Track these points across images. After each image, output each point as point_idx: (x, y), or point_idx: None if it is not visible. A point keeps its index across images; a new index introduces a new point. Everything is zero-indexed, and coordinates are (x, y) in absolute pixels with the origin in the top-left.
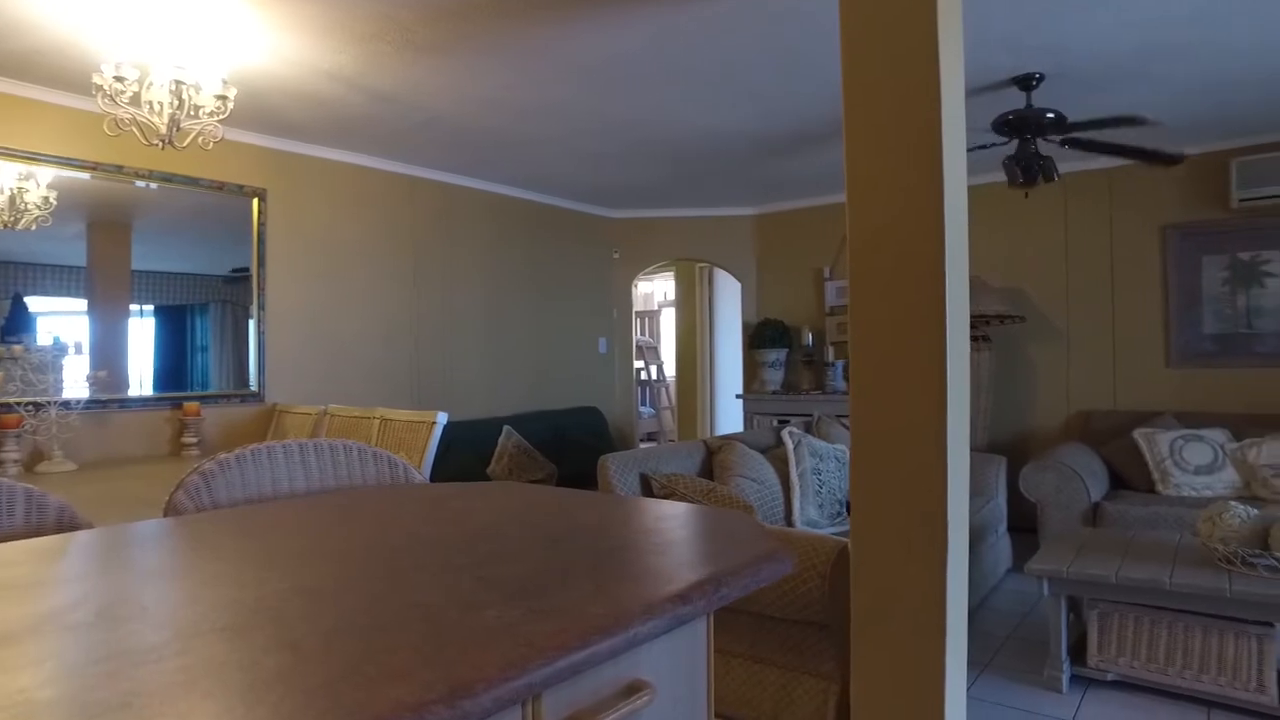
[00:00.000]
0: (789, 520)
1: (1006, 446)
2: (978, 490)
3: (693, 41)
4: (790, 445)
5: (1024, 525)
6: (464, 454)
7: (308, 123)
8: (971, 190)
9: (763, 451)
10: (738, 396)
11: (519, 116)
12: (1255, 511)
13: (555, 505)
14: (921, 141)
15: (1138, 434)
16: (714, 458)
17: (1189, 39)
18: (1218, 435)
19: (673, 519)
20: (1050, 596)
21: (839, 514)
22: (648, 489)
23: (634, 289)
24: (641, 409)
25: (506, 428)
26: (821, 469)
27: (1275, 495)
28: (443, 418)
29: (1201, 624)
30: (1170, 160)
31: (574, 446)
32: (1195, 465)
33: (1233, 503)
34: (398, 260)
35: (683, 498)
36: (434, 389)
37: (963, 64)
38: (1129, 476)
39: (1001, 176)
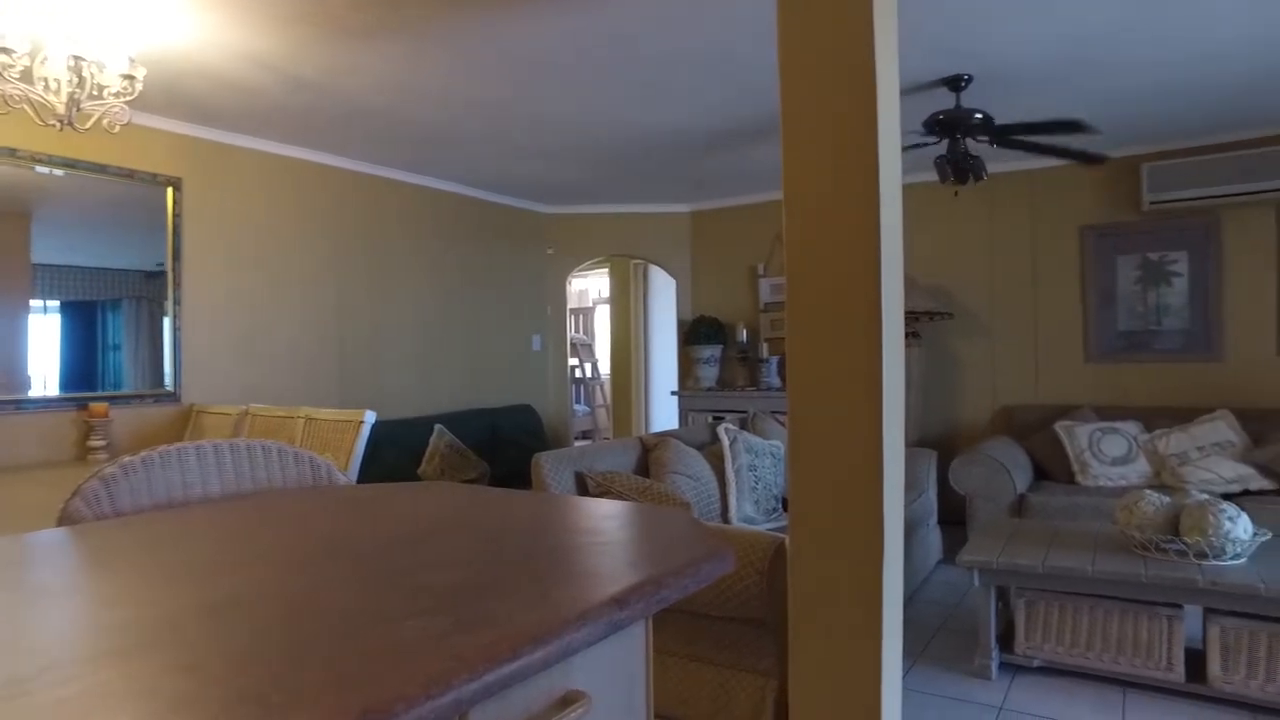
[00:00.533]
0: (725, 517)
1: (936, 441)
2: (909, 485)
3: (627, 36)
4: (726, 442)
5: (953, 518)
6: (394, 454)
7: (228, 110)
8: (903, 189)
9: (698, 448)
10: (673, 393)
11: (451, 110)
12: (1167, 499)
13: (488, 505)
14: (858, 140)
15: (1059, 427)
16: (650, 455)
17: (1102, 51)
18: (1131, 428)
19: (610, 518)
20: (980, 587)
21: (775, 510)
22: (583, 487)
23: (568, 285)
24: (576, 407)
25: (438, 427)
26: (757, 465)
27: (1182, 483)
28: (370, 417)
29: (1119, 608)
30: (1093, 160)
31: (508, 445)
32: (1112, 457)
33: (1147, 491)
34: (326, 255)
35: (619, 496)
36: (363, 388)
37: (897, 63)
38: (1051, 468)
39: (930, 175)
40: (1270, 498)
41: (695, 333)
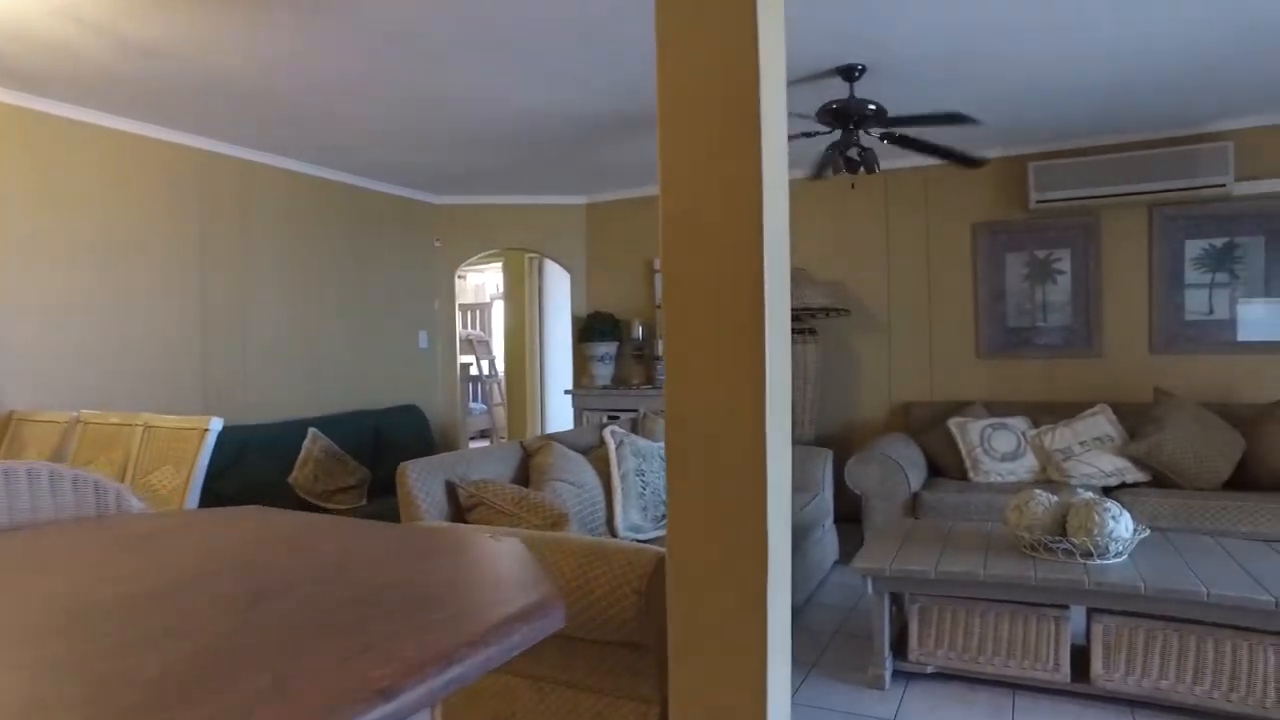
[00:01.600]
0: (611, 526)
1: (833, 439)
2: (804, 485)
3: (492, 11)
4: (612, 445)
5: (851, 516)
6: (262, 461)
7: (50, 76)
8: (797, 183)
9: (585, 452)
10: (566, 392)
11: (315, 86)
12: (1055, 499)
13: (285, 542)
14: (740, 128)
15: (952, 424)
16: (531, 460)
17: (995, 42)
18: (1020, 423)
19: (431, 557)
20: (874, 594)
21: (664, 517)
22: (454, 498)
23: (459, 279)
24: (473, 405)
25: (312, 430)
26: (645, 469)
27: (1066, 478)
28: (217, 424)
29: (1009, 610)
30: (973, 163)
31: (392, 448)
32: (1001, 453)
33: (1037, 491)
34: (181, 245)
35: (492, 507)
36: (227, 390)
37: (784, 49)
38: (945, 465)
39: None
40: (1144, 489)
41: (589, 329)
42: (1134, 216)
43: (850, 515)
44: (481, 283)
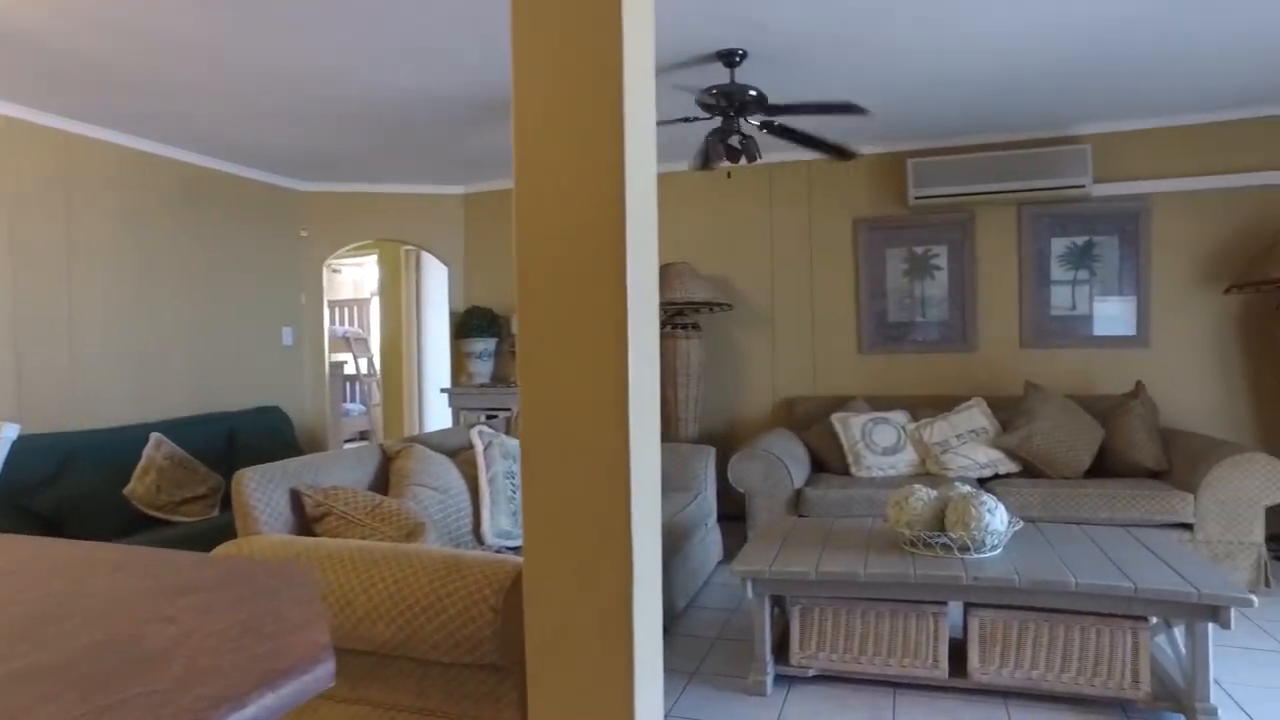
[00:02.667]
0: (478, 533)
1: (718, 436)
2: (686, 485)
3: None
4: (479, 446)
5: (735, 514)
6: (90, 473)
7: None
8: (679, 176)
9: (453, 454)
10: (443, 391)
11: (144, 48)
12: (933, 494)
13: (10, 576)
14: (602, 111)
15: (834, 419)
16: (392, 464)
17: (876, 30)
18: (900, 417)
19: (177, 599)
20: (754, 598)
21: None
22: (300, 508)
23: (333, 274)
24: (350, 406)
25: (155, 435)
26: (516, 472)
27: (944, 470)
28: (11, 431)
29: (890, 609)
30: (845, 155)
31: (250, 453)
32: (883, 447)
33: (916, 486)
34: None
35: (342, 517)
36: (47, 392)
37: (652, 28)
38: (828, 460)
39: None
40: (1016, 480)
41: (467, 325)
42: (1005, 214)
43: (734, 513)
44: (359, 278)
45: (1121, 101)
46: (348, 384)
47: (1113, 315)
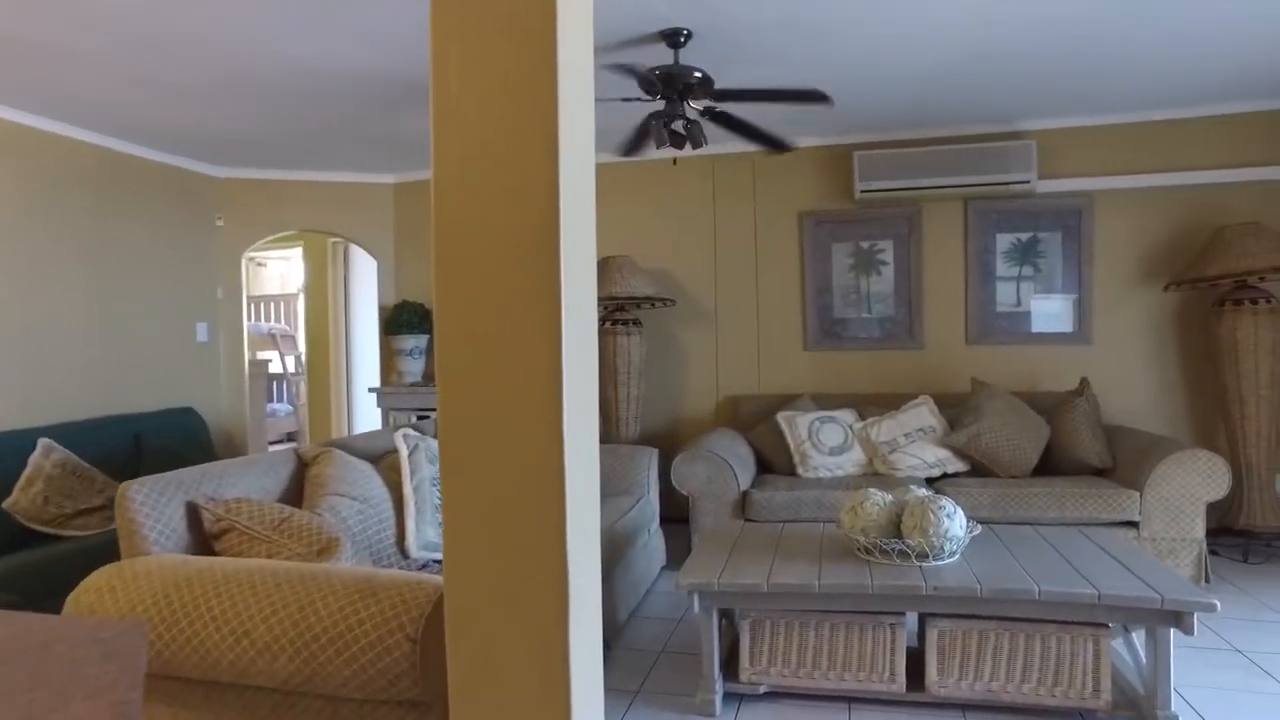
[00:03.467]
0: (402, 546)
1: (661, 436)
2: (628, 488)
3: None
4: (404, 450)
5: (679, 516)
6: None
7: None
8: (620, 167)
9: (377, 459)
10: (371, 390)
11: (25, 9)
12: (889, 498)
13: None
14: (533, 94)
15: (780, 418)
16: (308, 471)
17: (823, 17)
18: (847, 415)
19: None
20: (701, 612)
21: None
22: (197, 523)
23: (258, 268)
24: (276, 406)
25: (44, 441)
26: None
27: (892, 470)
28: None
29: (845, 620)
30: (781, 147)
31: (158, 458)
32: (830, 446)
33: (871, 491)
34: None
35: (245, 533)
36: None
37: (591, 9)
38: (774, 460)
39: (654, 153)
40: (964, 479)
41: (396, 321)
42: (951, 209)
43: (678, 516)
44: (286, 272)
45: (1066, 98)
46: (273, 383)
47: (1055, 312)
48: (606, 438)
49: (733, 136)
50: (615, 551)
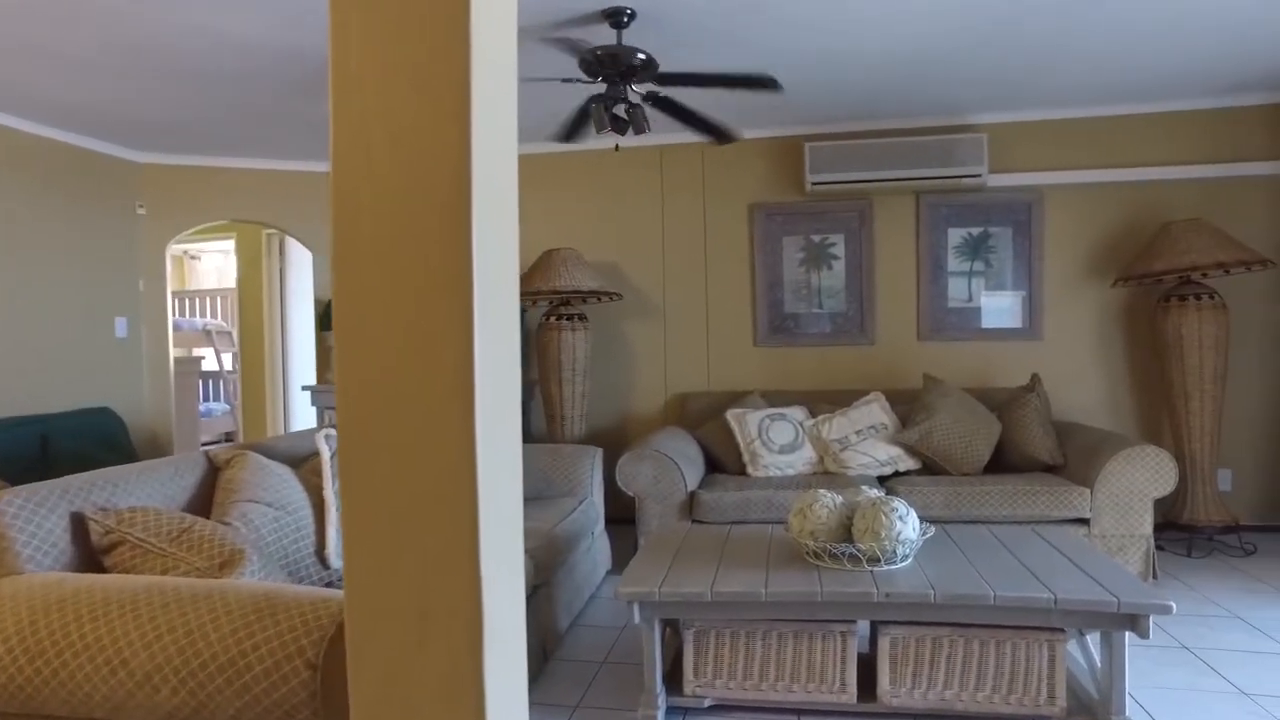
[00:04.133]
0: (322, 555)
1: (607, 434)
2: (571, 489)
3: None
4: (326, 453)
5: (626, 516)
6: None
7: None
8: (566, 157)
9: (298, 463)
10: (305, 389)
11: None
12: (840, 500)
13: None
14: (443, 75)
15: (729, 415)
16: (220, 476)
17: (761, 1)
18: (798, 413)
19: None
20: (642, 623)
21: None
22: (85, 537)
23: (191, 261)
24: (214, 405)
25: None
26: None
27: (843, 468)
28: None
29: (794, 629)
30: (724, 137)
31: (70, 461)
32: (780, 445)
33: (821, 492)
34: None
35: (139, 547)
36: None
37: None
38: (723, 459)
39: (598, 143)
40: (916, 477)
41: (330, 316)
42: (903, 203)
43: (624, 517)
44: (224, 265)
45: (1016, 91)
46: (209, 381)
47: (1007, 307)
48: (551, 437)
49: (681, 126)
50: (555, 557)
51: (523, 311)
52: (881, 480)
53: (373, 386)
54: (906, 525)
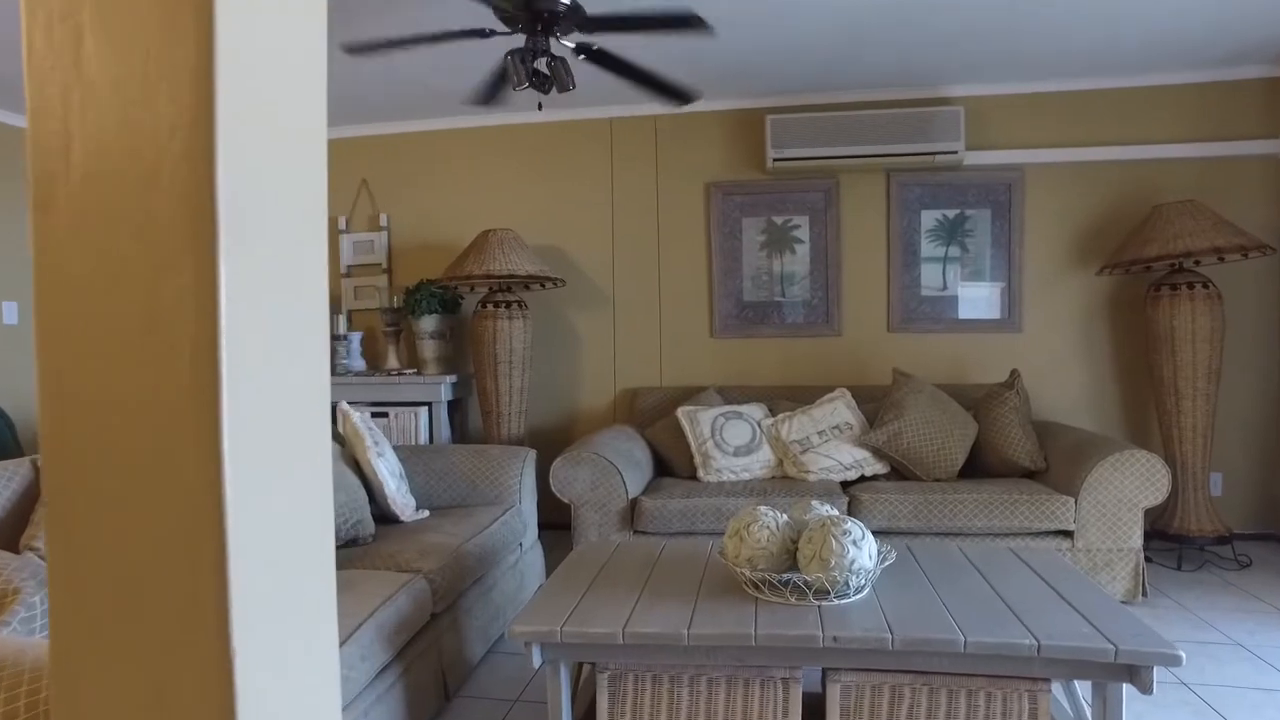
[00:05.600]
0: None
1: (550, 432)
2: (497, 497)
3: None
4: None
5: (567, 522)
6: None
7: None
8: (503, 130)
9: None
10: None
11: None
12: (785, 519)
13: None
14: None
15: (681, 413)
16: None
17: None
18: (755, 411)
19: None
20: (546, 665)
21: None
22: None
23: None
24: None
25: None
26: None
27: (805, 473)
28: None
29: (726, 674)
30: (681, 96)
31: None
32: (735, 446)
33: (762, 510)
34: None
35: None
36: None
37: None
38: (674, 461)
39: (536, 116)
40: (884, 482)
41: None
42: (872, 181)
43: (566, 522)
44: None
45: (995, 60)
46: None
47: (984, 297)
48: (487, 435)
49: (634, 95)
50: (463, 578)
51: (459, 299)
52: (845, 486)
53: (84, 396)
54: (861, 552)
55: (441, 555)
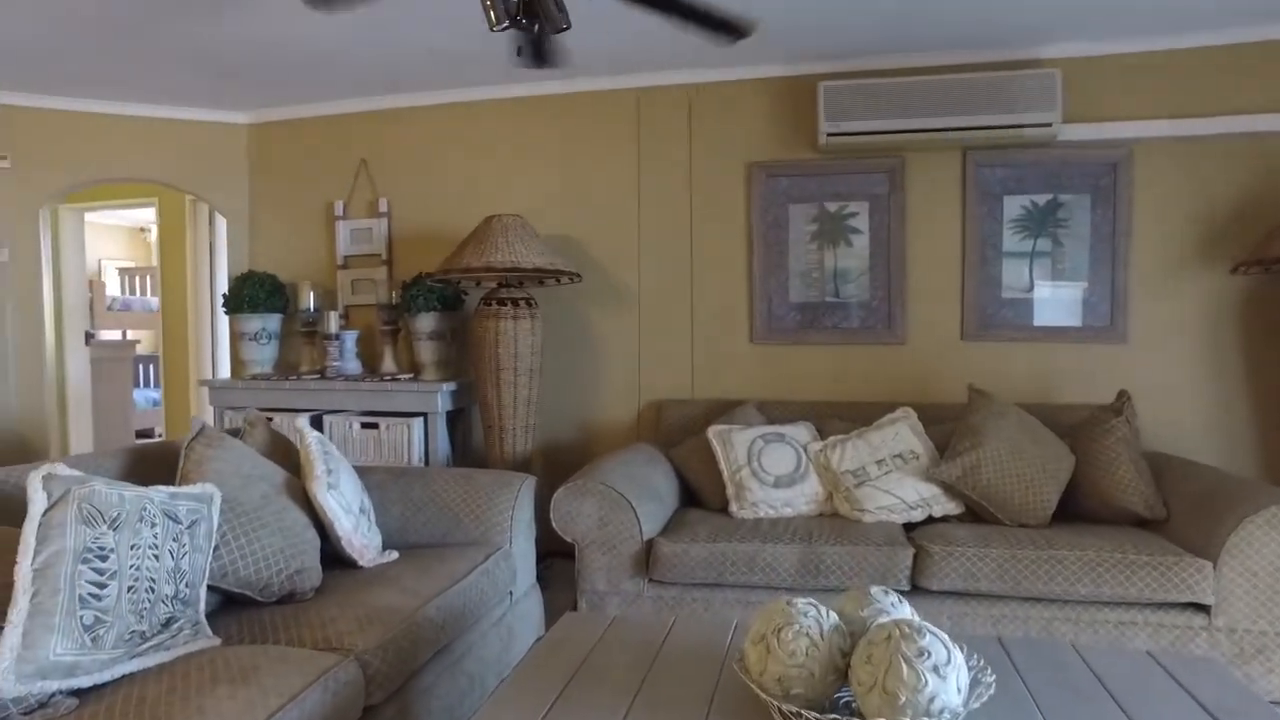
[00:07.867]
0: None
1: (561, 451)
2: (480, 537)
3: None
4: (35, 508)
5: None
6: None
7: None
8: (512, 105)
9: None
10: (203, 383)
11: None
12: (831, 621)
13: None
14: None
15: (711, 433)
16: None
17: None
18: (801, 433)
19: None
20: None
21: (156, 633)
22: None
23: (124, 231)
24: (151, 393)
25: None
26: (107, 548)
27: (859, 511)
28: None
29: None
30: (735, 32)
31: None
32: (775, 476)
33: (800, 605)
34: None
35: None
36: None
37: None
38: (703, 489)
39: (551, 87)
40: (958, 526)
41: (238, 296)
42: (945, 162)
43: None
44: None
45: (1100, 13)
46: (141, 367)
47: (1080, 300)
48: (489, 453)
49: (664, 60)
50: (423, 652)
51: (461, 295)
52: (909, 529)
53: None
54: (946, 683)
55: (389, 624)
